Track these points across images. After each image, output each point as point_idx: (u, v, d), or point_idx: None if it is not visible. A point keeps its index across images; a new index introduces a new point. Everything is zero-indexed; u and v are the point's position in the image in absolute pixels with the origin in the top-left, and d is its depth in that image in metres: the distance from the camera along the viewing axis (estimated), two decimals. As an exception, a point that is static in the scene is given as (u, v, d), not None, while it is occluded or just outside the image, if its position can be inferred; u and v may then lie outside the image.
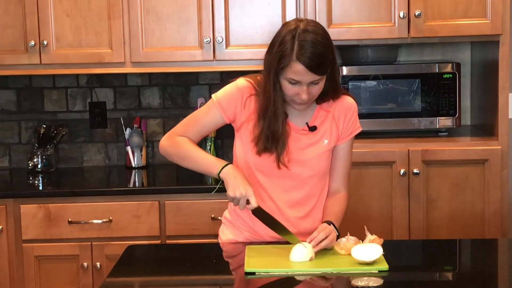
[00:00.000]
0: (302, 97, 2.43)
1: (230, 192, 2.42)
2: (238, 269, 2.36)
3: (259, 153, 2.52)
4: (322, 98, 2.55)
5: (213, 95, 2.58)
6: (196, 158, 2.55)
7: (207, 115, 2.58)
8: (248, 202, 2.42)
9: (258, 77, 2.54)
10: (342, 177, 2.63)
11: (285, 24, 2.48)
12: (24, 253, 3.41)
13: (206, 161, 2.53)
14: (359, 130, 2.63)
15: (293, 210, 2.57)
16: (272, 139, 2.49)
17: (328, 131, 2.57)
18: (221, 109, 2.55)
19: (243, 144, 2.57)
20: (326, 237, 2.38)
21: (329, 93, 2.54)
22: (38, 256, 3.42)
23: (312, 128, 2.56)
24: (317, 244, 2.37)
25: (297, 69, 2.39)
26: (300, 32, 2.40)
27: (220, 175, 2.47)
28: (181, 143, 2.58)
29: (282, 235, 2.46)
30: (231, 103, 2.54)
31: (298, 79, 2.41)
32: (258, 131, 2.51)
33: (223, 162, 2.49)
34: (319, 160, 2.57)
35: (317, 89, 2.46)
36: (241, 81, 2.56)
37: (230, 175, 2.45)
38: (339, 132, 2.58)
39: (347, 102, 2.60)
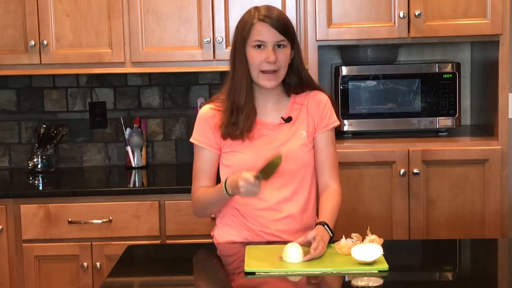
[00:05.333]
0: (270, 59, 2.49)
1: (239, 189, 2.40)
2: (238, 269, 2.36)
3: (224, 136, 2.56)
4: (292, 89, 2.62)
5: (191, 139, 2.63)
6: (209, 199, 2.59)
7: (201, 159, 2.63)
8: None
9: (222, 96, 2.61)
10: (329, 169, 2.64)
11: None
12: (24, 253, 3.41)
13: (215, 193, 2.55)
14: (337, 123, 2.67)
15: (287, 206, 2.59)
16: (236, 112, 2.54)
17: (305, 122, 2.62)
18: (204, 144, 2.61)
19: (225, 157, 2.61)
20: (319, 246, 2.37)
21: (298, 83, 2.61)
22: (38, 256, 3.42)
23: (288, 119, 2.60)
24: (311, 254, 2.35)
25: (259, 28, 2.50)
26: (262, 5, 2.57)
27: (229, 191, 2.48)
28: (196, 199, 2.63)
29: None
30: (205, 133, 2.60)
31: (263, 39, 2.50)
32: (224, 113, 2.56)
33: (223, 182, 2.51)
34: (302, 152, 2.59)
35: (282, 56, 2.52)
36: (203, 110, 2.64)
37: (231, 184, 2.45)
38: (314, 124, 2.62)
39: (319, 95, 2.66)
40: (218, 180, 2.69)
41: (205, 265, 2.48)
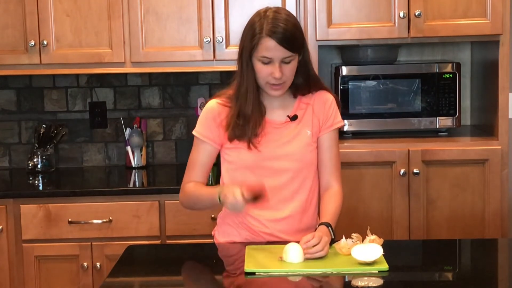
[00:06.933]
0: (275, 75, 2.47)
1: (227, 201, 2.41)
2: (238, 269, 2.36)
3: (230, 138, 2.55)
4: (299, 90, 2.61)
5: (193, 132, 2.64)
6: (200, 198, 2.58)
7: (200, 152, 2.63)
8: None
9: (229, 91, 2.61)
10: (331, 170, 2.64)
11: (256, 12, 2.55)
12: (24, 253, 3.41)
13: (208, 196, 2.54)
14: (341, 123, 2.67)
15: (288, 206, 2.59)
16: (243, 118, 2.53)
17: (310, 122, 2.61)
18: (206, 138, 2.60)
19: (228, 153, 2.61)
20: (319, 243, 2.36)
21: (305, 84, 2.60)
22: (38, 256, 3.42)
23: (293, 118, 2.60)
24: (309, 250, 2.35)
25: (268, 45, 2.45)
26: (270, 12, 2.50)
27: (221, 199, 2.46)
28: (187, 192, 2.63)
29: None
30: (209, 128, 2.60)
31: (270, 56, 2.46)
32: (231, 117, 2.55)
33: (218, 188, 2.49)
34: (305, 151, 2.59)
35: (289, 70, 2.50)
36: (209, 104, 2.63)
37: (224, 192, 2.44)
38: (319, 124, 2.62)
39: (325, 95, 2.65)
40: (218, 176, 2.69)
41: (205, 265, 2.47)
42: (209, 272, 2.41)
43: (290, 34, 2.47)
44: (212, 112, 2.60)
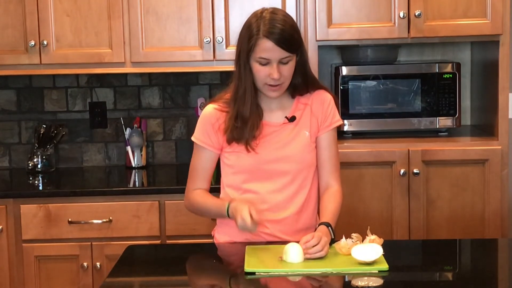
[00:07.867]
0: (274, 76, 2.47)
1: (236, 222, 2.46)
2: (238, 269, 2.36)
3: (229, 141, 2.56)
4: (297, 90, 2.61)
5: (192, 138, 2.65)
6: (208, 209, 2.63)
7: (200, 158, 2.64)
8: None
9: (226, 95, 2.61)
10: (330, 170, 2.64)
11: (252, 13, 2.55)
12: (24, 253, 3.41)
13: (216, 209, 2.59)
14: (340, 122, 2.67)
15: (288, 207, 2.60)
16: (241, 120, 2.53)
17: (308, 122, 2.61)
18: (205, 144, 2.61)
19: (227, 157, 2.61)
20: (319, 243, 2.36)
21: (303, 84, 2.60)
22: (38, 256, 3.42)
23: (292, 119, 2.60)
24: (309, 250, 2.35)
25: (265, 46, 2.45)
26: (267, 13, 2.50)
27: (229, 215, 2.52)
28: (193, 201, 2.66)
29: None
30: (207, 134, 2.61)
31: (268, 57, 2.46)
32: (229, 119, 2.56)
33: (226, 202, 2.54)
34: (305, 153, 2.60)
35: (287, 70, 2.50)
36: (206, 109, 2.63)
37: (232, 212, 2.49)
38: (318, 123, 2.62)
39: (323, 94, 2.65)
40: (218, 177, 2.69)
41: (205, 265, 2.48)
42: (209, 272, 2.41)
43: (288, 35, 2.46)
44: (210, 118, 2.60)
